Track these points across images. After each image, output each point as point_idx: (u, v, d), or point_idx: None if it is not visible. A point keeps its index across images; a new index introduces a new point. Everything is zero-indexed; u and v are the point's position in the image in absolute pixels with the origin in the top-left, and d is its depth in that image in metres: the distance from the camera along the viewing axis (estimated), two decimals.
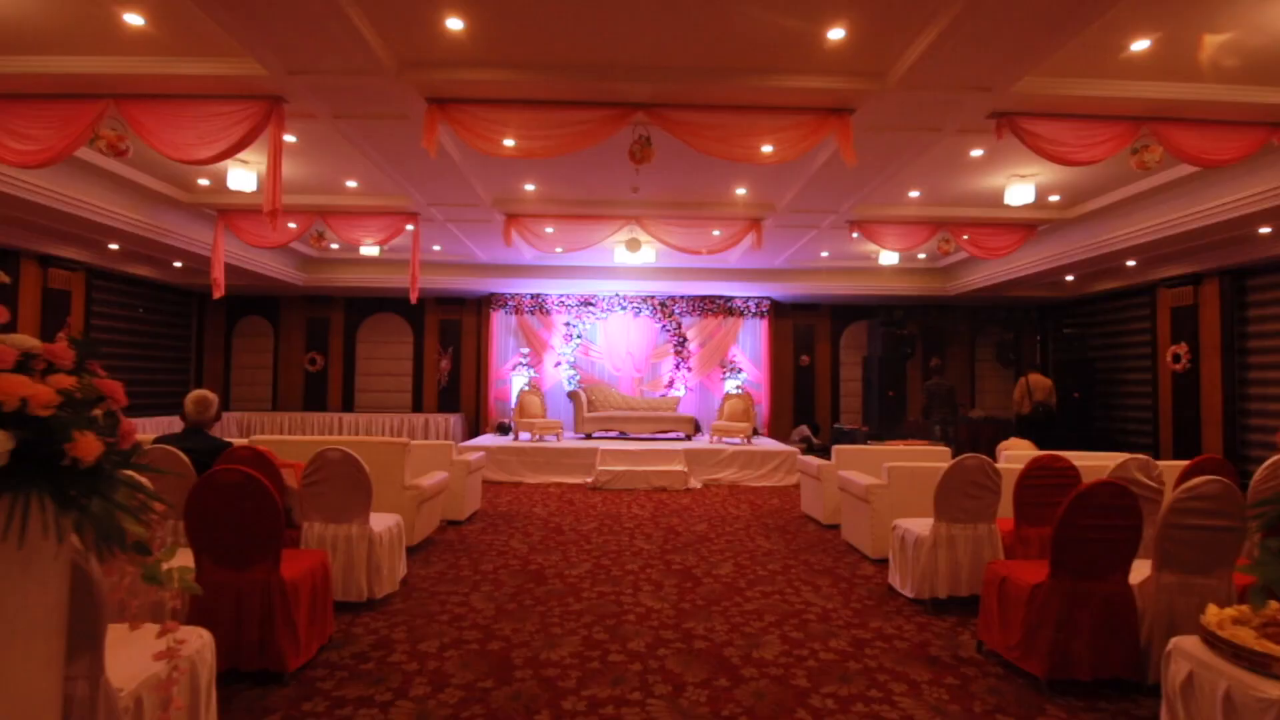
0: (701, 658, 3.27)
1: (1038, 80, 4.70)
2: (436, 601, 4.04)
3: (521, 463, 9.03)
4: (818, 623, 3.77)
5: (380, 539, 3.95)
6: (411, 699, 2.79)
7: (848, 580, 4.62)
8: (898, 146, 5.73)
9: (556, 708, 2.74)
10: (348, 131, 5.55)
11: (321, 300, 12.91)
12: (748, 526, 6.36)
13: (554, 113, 4.98)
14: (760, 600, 4.16)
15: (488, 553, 5.22)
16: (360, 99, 4.97)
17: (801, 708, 2.77)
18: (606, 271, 11.22)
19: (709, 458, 9.14)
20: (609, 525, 6.30)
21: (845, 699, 2.85)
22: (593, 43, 4.35)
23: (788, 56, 4.51)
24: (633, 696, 2.84)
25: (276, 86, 4.77)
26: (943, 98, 4.81)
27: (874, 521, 5.02)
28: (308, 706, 2.71)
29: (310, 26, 3.96)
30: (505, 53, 4.52)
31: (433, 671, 3.06)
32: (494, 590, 4.27)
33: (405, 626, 3.61)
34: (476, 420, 12.81)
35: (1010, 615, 3.14)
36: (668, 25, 4.13)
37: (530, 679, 3.00)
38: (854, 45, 4.33)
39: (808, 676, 3.07)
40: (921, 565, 4.02)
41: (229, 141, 4.91)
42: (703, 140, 5.05)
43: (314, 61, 4.41)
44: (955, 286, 11.43)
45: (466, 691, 2.87)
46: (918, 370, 12.81)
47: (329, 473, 3.82)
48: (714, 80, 4.71)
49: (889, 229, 8.33)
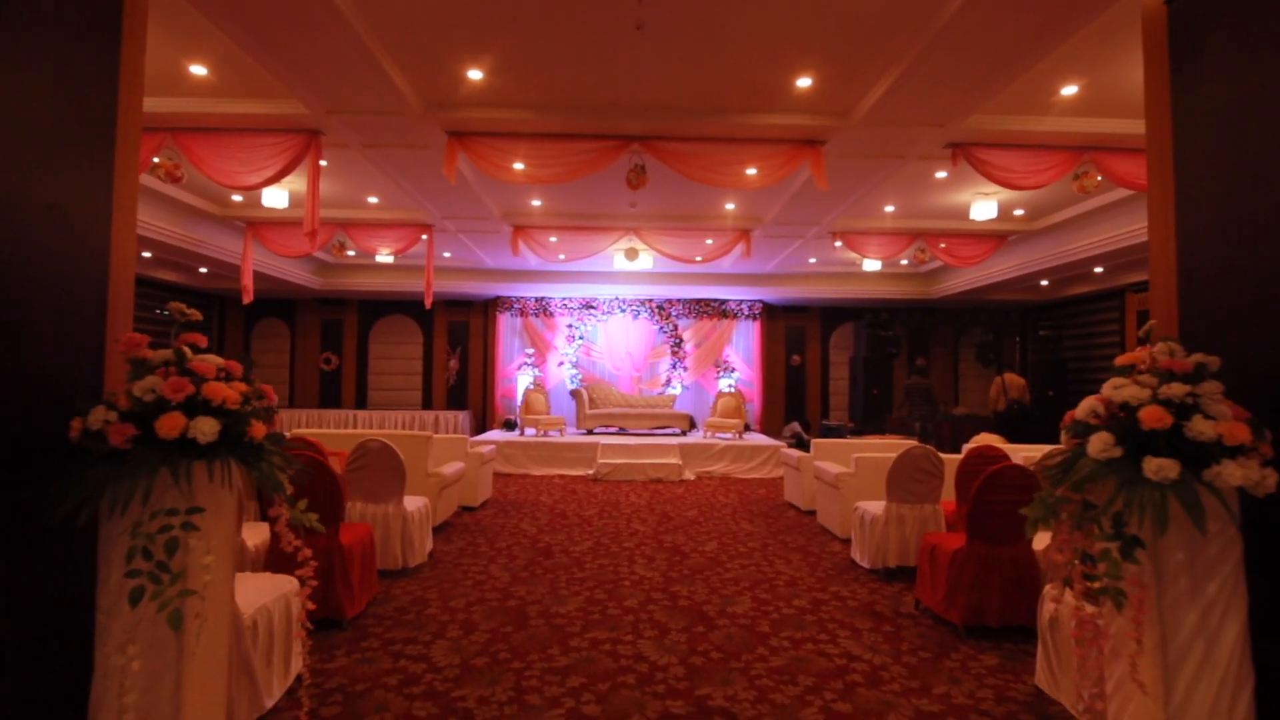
0: (684, 612, 3.94)
1: (986, 116, 5.35)
2: (460, 570, 4.70)
3: (528, 456, 9.70)
4: (785, 587, 4.44)
5: (412, 517, 4.62)
6: (448, 639, 3.46)
7: (816, 555, 5.29)
8: (867, 171, 6.38)
9: (565, 645, 3.40)
10: (374, 158, 6.21)
11: (336, 303, 13.58)
12: (734, 512, 7.03)
13: (559, 145, 5.64)
14: (738, 570, 4.82)
15: (501, 533, 5.88)
16: (389, 132, 5.62)
17: (762, 646, 3.43)
18: (607, 276, 11.87)
19: (702, 451, 9.80)
20: (609, 511, 6.97)
21: (798, 640, 3.51)
22: (593, 87, 5.00)
23: (764, 98, 5.16)
24: (626, 638, 3.51)
25: (316, 122, 5.43)
26: (902, 132, 5.46)
27: (843, 505, 5.69)
28: (365, 644, 3.38)
29: (351, 76, 4.62)
30: (517, 95, 5.17)
31: (462, 621, 3.73)
32: (509, 562, 4.94)
33: (436, 589, 4.28)
34: (483, 417, 13.48)
35: (938, 576, 3.80)
36: (659, 74, 4.78)
37: (543, 626, 3.66)
38: (820, 91, 4.98)
39: (770, 625, 3.73)
40: (876, 540, 4.68)
41: (273, 169, 5.57)
42: (691, 168, 5.71)
43: (351, 103, 5.07)
44: (938, 290, 12.07)
45: (491, 634, 3.53)
46: (904, 369, 13.46)
47: (370, 460, 4.48)
48: (699, 117, 5.36)
49: (869, 239, 8.98)
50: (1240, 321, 1.96)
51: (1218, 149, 2.04)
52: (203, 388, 1.84)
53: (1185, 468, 1.69)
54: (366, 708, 2.75)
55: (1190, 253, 2.14)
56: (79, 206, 1.96)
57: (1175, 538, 1.77)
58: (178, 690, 1.83)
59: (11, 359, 1.75)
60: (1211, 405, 1.75)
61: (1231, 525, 1.78)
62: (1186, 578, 1.77)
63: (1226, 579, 1.77)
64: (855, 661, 3.27)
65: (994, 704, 2.86)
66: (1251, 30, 1.94)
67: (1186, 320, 2.15)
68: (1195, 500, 1.65)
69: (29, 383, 1.80)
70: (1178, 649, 1.77)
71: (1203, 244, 2.10)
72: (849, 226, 8.81)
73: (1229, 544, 1.78)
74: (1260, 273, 1.90)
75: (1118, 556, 1.74)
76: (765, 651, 3.38)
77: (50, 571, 1.87)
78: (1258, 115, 1.91)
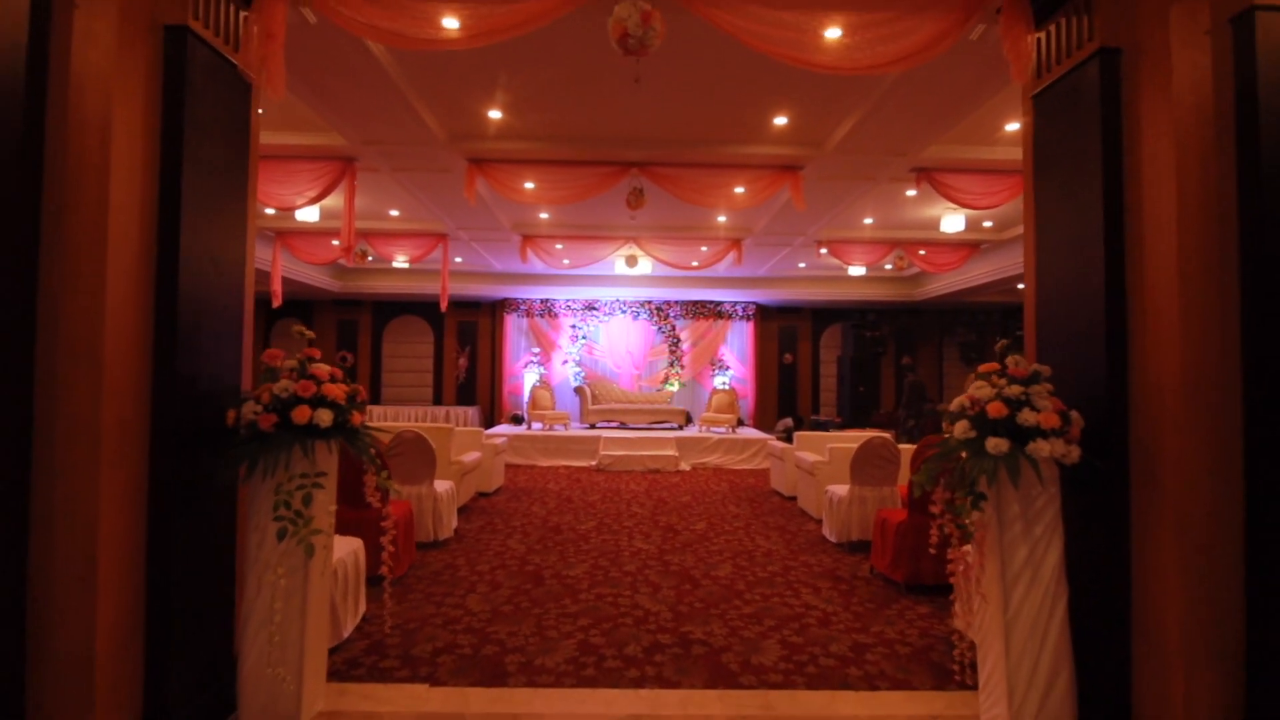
0: (674, 575, 4.68)
1: (944, 146, 6.06)
2: (482, 543, 5.45)
3: (535, 448, 10.45)
4: (762, 557, 5.17)
5: (441, 497, 5.36)
6: (478, 593, 4.21)
7: (792, 533, 6.03)
8: (842, 191, 7.10)
9: (575, 597, 4.14)
10: (401, 180, 6.94)
11: (351, 304, 14.31)
12: (724, 498, 7.77)
13: (565, 170, 6.36)
14: (722, 544, 5.56)
15: (515, 514, 6.63)
16: (415, 159, 6.35)
17: (737, 599, 4.17)
18: (608, 280, 12.59)
19: (697, 444, 10.54)
20: (610, 497, 7.71)
21: (767, 595, 4.25)
22: (596, 123, 5.72)
23: (747, 132, 5.88)
24: (625, 593, 4.25)
25: (352, 151, 6.16)
26: (871, 159, 6.17)
27: (818, 490, 6.42)
28: (411, 597, 4.13)
29: (386, 115, 5.34)
30: (530, 129, 5.89)
31: (489, 581, 4.47)
32: (524, 537, 5.68)
33: (464, 557, 5.02)
34: (491, 412, 14.22)
35: (886, 545, 4.53)
36: (653, 113, 5.49)
37: (556, 584, 4.41)
38: (795, 127, 5.69)
39: (745, 585, 4.47)
40: (841, 517, 5.42)
41: (315, 192, 6.30)
42: (683, 190, 6.42)
43: (384, 135, 5.80)
44: (921, 293, 12.79)
45: (514, 590, 4.28)
46: (891, 368, 14.21)
47: (406, 448, 5.22)
48: (690, 147, 6.08)
49: (852, 247, 9.69)
50: (1065, 340, 2.69)
51: (1057, 216, 2.77)
52: (322, 387, 2.57)
53: (1014, 444, 2.42)
54: (420, 638, 3.49)
55: (1042, 288, 2.87)
56: (228, 256, 2.70)
57: (1012, 494, 2.50)
58: (304, 601, 2.57)
59: (193, 370, 2.48)
60: (1038, 400, 2.48)
61: (1053, 485, 2.51)
62: (1020, 523, 2.50)
63: (1049, 523, 2.50)
64: (812, 610, 4.01)
65: (917, 639, 3.60)
66: (1070, 135, 2.66)
67: (1040, 337, 2.88)
68: (1016, 467, 2.38)
69: (202, 385, 2.54)
70: (1013, 573, 2.50)
71: (1047, 282, 2.83)
72: (833, 236, 9.52)
73: (1050, 499, 2.51)
74: (1072, 307, 2.64)
75: (968, 505, 2.47)
76: (739, 603, 4.12)
77: (212, 522, 2.61)
78: (1075, 195, 2.64)
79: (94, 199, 2.21)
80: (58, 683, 2.14)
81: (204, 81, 2.54)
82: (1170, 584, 2.30)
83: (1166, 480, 2.33)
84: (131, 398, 2.32)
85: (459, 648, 3.39)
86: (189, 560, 2.48)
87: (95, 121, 2.23)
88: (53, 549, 2.14)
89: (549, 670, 3.15)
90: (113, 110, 2.24)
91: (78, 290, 2.18)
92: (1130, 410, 2.48)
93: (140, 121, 2.37)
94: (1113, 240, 2.50)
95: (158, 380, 2.38)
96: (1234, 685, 2.23)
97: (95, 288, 2.19)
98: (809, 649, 3.44)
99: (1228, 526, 2.26)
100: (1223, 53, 2.33)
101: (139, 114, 2.36)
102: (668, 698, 2.91)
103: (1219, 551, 2.26)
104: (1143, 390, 2.44)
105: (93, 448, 2.18)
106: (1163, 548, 2.34)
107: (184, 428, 2.44)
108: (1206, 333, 2.28)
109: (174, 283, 2.39)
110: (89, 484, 2.17)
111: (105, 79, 2.25)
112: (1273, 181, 2.22)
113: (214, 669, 2.62)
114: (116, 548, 2.25)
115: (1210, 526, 2.26)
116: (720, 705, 2.85)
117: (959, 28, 2.83)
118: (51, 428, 2.15)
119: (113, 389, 2.23)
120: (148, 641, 2.36)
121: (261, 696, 2.56)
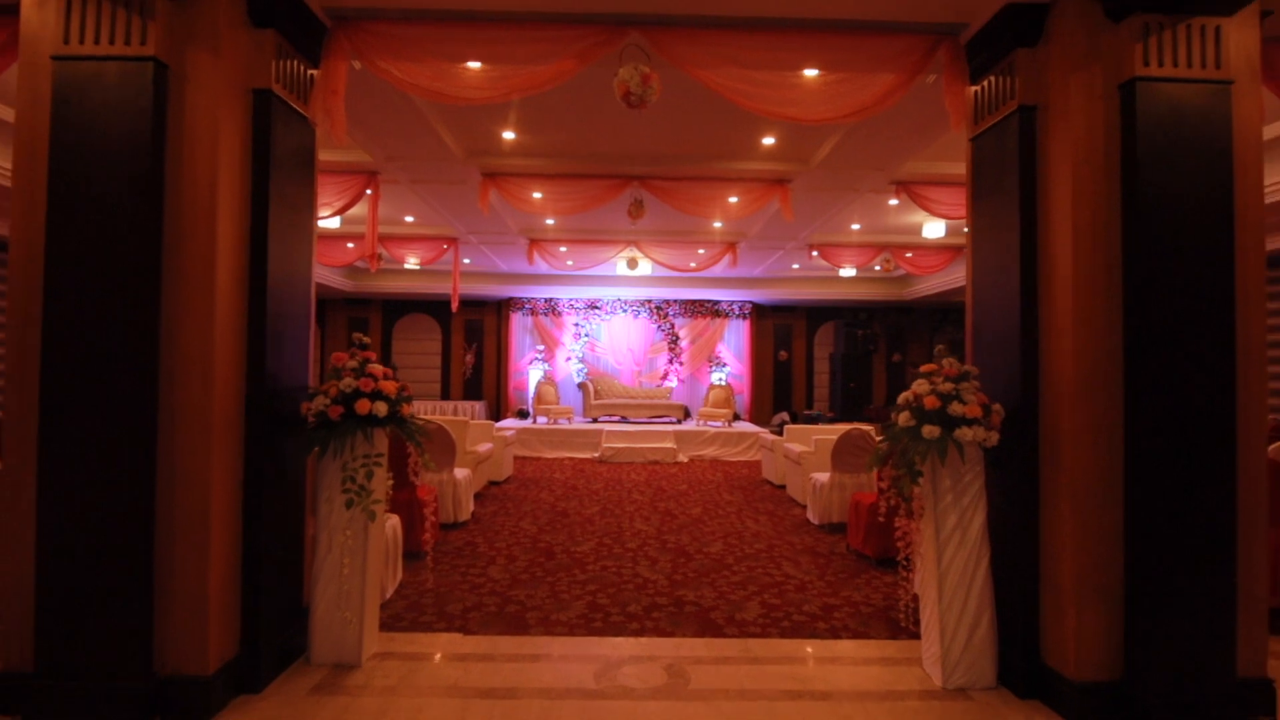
0: (671, 551, 5.24)
1: (920, 162, 6.60)
2: (497, 525, 6.01)
3: (541, 441, 11.01)
4: (750, 537, 5.74)
5: (460, 483, 5.92)
6: (498, 565, 4.77)
7: (780, 517, 6.59)
8: (828, 201, 7.64)
9: (583, 569, 4.71)
10: (419, 190, 7.48)
11: (362, 302, 14.86)
12: (719, 487, 8.33)
13: (571, 183, 6.90)
14: (715, 526, 6.12)
15: (525, 500, 7.19)
16: (434, 172, 6.89)
17: (726, 570, 4.74)
18: (610, 280, 13.13)
19: (695, 437, 11.10)
20: (612, 486, 8.27)
21: (752, 567, 4.82)
22: (599, 142, 6.26)
23: (738, 150, 6.42)
24: (627, 566, 4.81)
25: (376, 166, 6.70)
26: (853, 173, 6.71)
27: (803, 477, 6.98)
28: (439, 567, 4.69)
29: (411, 136, 5.88)
30: (540, 147, 6.43)
31: (506, 556, 5.03)
32: (535, 519, 6.24)
33: (482, 536, 5.59)
34: (497, 407, 14.79)
35: (859, 523, 5.09)
36: (652, 134, 6.03)
37: (566, 558, 4.97)
38: (782, 146, 6.24)
39: (734, 559, 5.04)
40: (823, 501, 5.98)
41: (341, 203, 6.84)
42: (680, 202, 6.96)
43: (406, 152, 6.34)
44: (910, 293, 13.33)
45: (529, 563, 4.84)
46: (883, 364, 14.75)
47: (430, 438, 5.76)
48: (687, 163, 6.62)
49: (841, 250, 10.23)
50: (993, 343, 3.25)
51: (988, 240, 3.32)
52: (379, 384, 3.13)
53: (945, 431, 2.98)
54: (451, 600, 4.06)
55: (978, 300, 3.42)
56: (298, 273, 3.25)
57: (945, 471, 3.05)
58: (365, 559, 3.13)
59: (275, 370, 3.04)
60: (965, 395, 3.03)
61: (978, 464, 3.07)
62: (951, 495, 3.06)
63: (974, 495, 3.06)
64: (791, 579, 4.58)
65: (880, 601, 4.16)
66: (997, 173, 3.20)
67: (975, 341, 3.44)
68: (944, 449, 2.93)
69: (281, 382, 3.10)
70: (945, 535, 3.05)
71: (980, 295, 3.39)
72: (823, 240, 10.06)
73: (976, 475, 3.06)
74: (998, 316, 3.20)
75: (909, 480, 3.03)
76: (728, 573, 4.68)
77: (287, 494, 3.17)
78: (1001, 223, 3.19)
79: (204, 232, 2.76)
80: (180, 616, 2.71)
81: (282, 131, 3.09)
82: (1066, 541, 2.86)
83: (1064, 460, 2.89)
84: (232, 393, 2.87)
85: (485, 606, 3.96)
86: (272, 524, 3.04)
87: (204, 170, 2.78)
88: (174, 512, 2.71)
89: (563, 624, 3.72)
90: (218, 160, 2.79)
91: (190, 308, 2.74)
92: (1040, 403, 3.03)
93: (236, 166, 2.91)
94: (1027, 261, 3.05)
95: (250, 379, 2.94)
96: (1114, 619, 2.79)
97: (206, 307, 2.75)
98: (785, 609, 4.00)
99: (1111, 496, 2.82)
100: (1112, 112, 2.88)
101: (235, 161, 2.91)
102: (663, 644, 3.47)
103: (1104, 515, 2.82)
104: (1048, 386, 2.99)
105: (205, 434, 2.74)
106: (1061, 513, 2.89)
107: (269, 417, 3.00)
108: (1095, 339, 2.84)
109: (263, 300, 2.94)
110: (203, 462, 2.73)
111: (210, 134, 2.80)
112: (1148, 215, 2.77)
113: (289, 615, 3.18)
114: (222, 512, 2.81)
115: (1097, 495, 2.82)
116: (707, 649, 3.41)
117: (905, 85, 3.37)
118: (172, 418, 2.71)
119: (219, 387, 2.79)
120: (243, 587, 2.93)
121: (331, 638, 3.12)
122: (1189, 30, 2.81)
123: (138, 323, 2.64)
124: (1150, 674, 2.68)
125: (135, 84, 2.69)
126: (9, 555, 2.68)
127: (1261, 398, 2.84)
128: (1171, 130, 2.78)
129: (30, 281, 2.70)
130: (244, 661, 2.91)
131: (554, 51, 3.23)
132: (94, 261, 2.65)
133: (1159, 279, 2.74)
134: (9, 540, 2.68)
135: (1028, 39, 3.07)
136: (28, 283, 2.70)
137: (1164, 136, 2.78)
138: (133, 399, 2.63)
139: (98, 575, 2.61)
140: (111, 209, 2.66)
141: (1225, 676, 2.70)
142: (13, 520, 2.68)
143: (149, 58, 2.69)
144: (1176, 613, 2.69)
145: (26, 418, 2.67)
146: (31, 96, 2.75)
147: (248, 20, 2.97)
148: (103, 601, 2.61)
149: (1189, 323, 2.74)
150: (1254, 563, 2.80)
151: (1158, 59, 2.80)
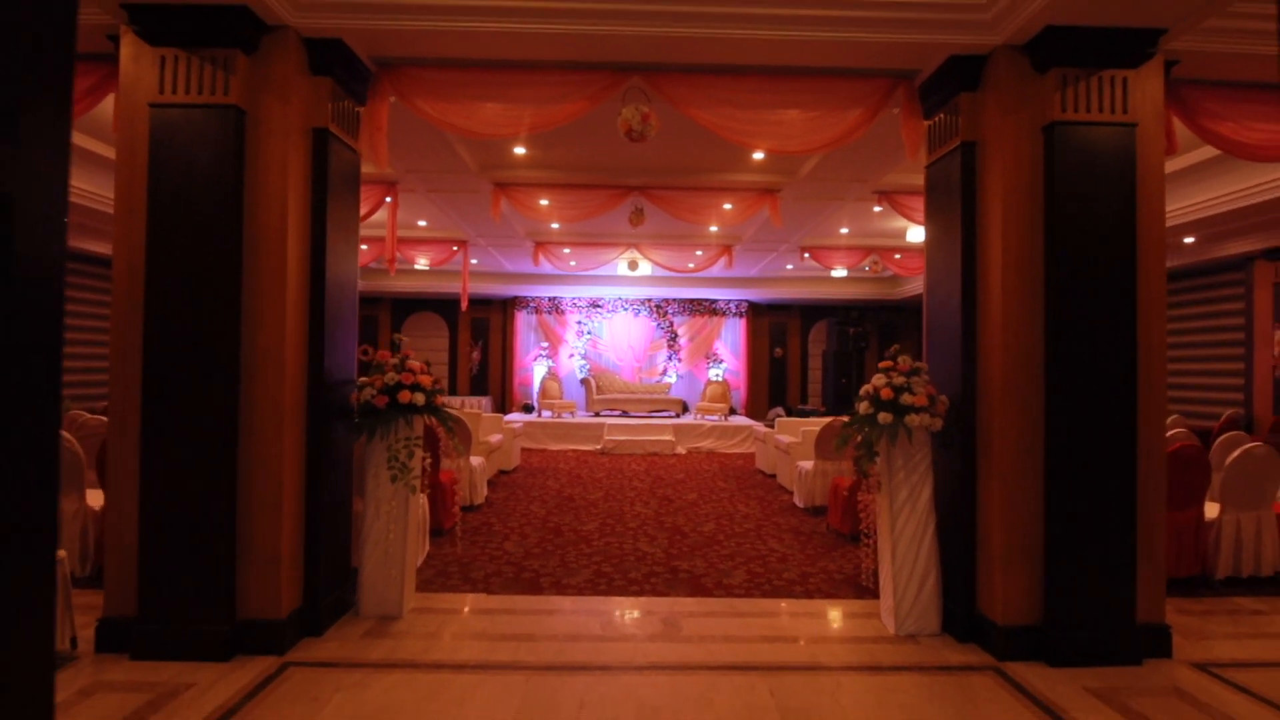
0: (668, 530, 5.80)
1: (899, 174, 7.12)
2: (509, 508, 6.57)
3: (545, 434, 11.56)
4: (740, 518, 6.29)
5: (475, 469, 6.47)
6: (512, 541, 5.33)
7: (769, 502, 7.14)
8: (816, 209, 8.17)
9: (589, 544, 5.27)
10: (434, 198, 8.02)
11: (371, 301, 15.39)
12: (714, 476, 8.89)
13: (576, 193, 7.43)
14: (709, 510, 6.68)
15: (533, 488, 7.75)
16: (448, 183, 7.43)
17: (717, 546, 5.29)
18: (612, 280, 13.67)
19: (693, 430, 11.65)
20: (615, 475, 8.83)
21: (740, 544, 5.38)
22: (603, 156, 6.79)
23: (730, 163, 6.96)
24: (629, 542, 5.37)
25: (395, 176, 7.23)
26: (837, 184, 7.25)
27: (792, 466, 7.52)
28: (460, 543, 5.25)
29: (429, 151, 6.41)
30: (547, 160, 6.97)
31: (518, 535, 5.59)
32: (543, 503, 6.80)
33: (496, 517, 6.15)
34: (503, 402, 15.34)
35: (838, 504, 5.64)
36: (651, 151, 6.56)
37: (573, 536, 5.53)
38: (771, 159, 6.77)
39: (725, 536, 5.59)
40: (807, 487, 6.53)
41: (364, 211, 7.36)
42: (677, 209, 7.50)
43: (425, 166, 6.88)
44: (900, 292, 13.87)
45: (540, 540, 5.40)
46: (874, 361, 15.28)
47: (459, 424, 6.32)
48: (682, 174, 7.16)
49: (832, 252, 10.77)
50: (943, 343, 3.79)
51: (939, 253, 3.87)
52: (418, 377, 3.68)
53: (896, 417, 3.52)
54: (474, 568, 4.62)
55: (931, 305, 3.97)
56: (347, 280, 3.80)
57: (898, 451, 3.60)
58: (405, 526, 3.68)
59: (331, 365, 3.59)
60: (916, 386, 3.57)
61: (925, 446, 3.62)
62: (903, 471, 3.61)
63: (922, 472, 3.60)
64: (774, 553, 5.13)
65: (850, 570, 4.71)
66: (945, 197, 3.74)
67: (929, 341, 3.99)
68: (895, 433, 3.48)
69: (335, 375, 3.64)
70: (898, 506, 3.60)
71: (932, 301, 3.93)
72: (814, 243, 10.60)
73: (924, 455, 3.61)
74: (946, 319, 3.74)
75: (867, 459, 3.57)
76: (719, 548, 5.24)
77: (338, 472, 3.72)
78: (948, 239, 3.73)
79: (277, 247, 3.31)
80: (259, 574, 3.26)
81: (335, 162, 3.63)
82: (995, 512, 3.41)
83: (994, 443, 3.43)
84: (298, 386, 3.42)
85: (504, 574, 4.51)
86: (328, 497, 3.59)
87: (276, 196, 3.32)
88: (252, 488, 3.26)
89: (573, 587, 4.27)
90: (287, 187, 3.34)
91: (265, 314, 3.29)
92: (977, 395, 3.58)
93: (300, 192, 3.46)
94: (967, 272, 3.59)
95: (311, 373, 3.49)
96: (1035, 576, 3.34)
97: (279, 311, 3.30)
98: (767, 575, 4.56)
99: (1033, 474, 3.37)
100: (1037, 149, 3.41)
101: (299, 187, 3.45)
102: (659, 602, 4.02)
103: (1027, 490, 3.37)
104: (983, 381, 3.54)
105: (278, 421, 3.29)
106: (992, 488, 3.44)
107: (326, 406, 3.55)
108: (1020, 340, 3.38)
109: (322, 305, 3.49)
110: (276, 444, 3.28)
111: (280, 167, 3.34)
112: (1065, 236, 3.31)
113: (340, 575, 3.74)
114: (291, 486, 3.36)
115: (1019, 472, 3.37)
116: (697, 606, 3.96)
117: (870, 120, 3.91)
118: (252, 407, 3.26)
119: (289, 381, 3.34)
120: (306, 550, 3.48)
121: (376, 594, 3.68)
122: (1100, 81, 3.35)
123: (224, 325, 3.19)
124: (1063, 619, 3.23)
125: (219, 126, 3.23)
126: (117, 522, 3.23)
127: (1161, 391, 3.38)
128: (1085, 165, 3.32)
129: (132, 292, 3.24)
130: (307, 610, 3.46)
131: (567, 94, 3.77)
132: (188, 272, 3.20)
133: (1073, 290, 3.29)
134: (116, 509, 3.23)
135: (969, 84, 3.61)
136: (130, 292, 3.25)
137: (1079, 170, 3.32)
138: (221, 391, 3.18)
139: (192, 539, 3.16)
140: (201, 229, 3.21)
141: (1125, 622, 3.25)
142: (119, 492, 3.23)
143: (231, 105, 3.24)
144: (1085, 571, 3.25)
145: (129, 407, 3.22)
146: (129, 135, 3.29)
147: (308, 69, 3.51)
148: (195, 560, 3.17)
149: (1098, 327, 3.28)
150: (1153, 529, 3.35)
151: (1074, 105, 3.34)
